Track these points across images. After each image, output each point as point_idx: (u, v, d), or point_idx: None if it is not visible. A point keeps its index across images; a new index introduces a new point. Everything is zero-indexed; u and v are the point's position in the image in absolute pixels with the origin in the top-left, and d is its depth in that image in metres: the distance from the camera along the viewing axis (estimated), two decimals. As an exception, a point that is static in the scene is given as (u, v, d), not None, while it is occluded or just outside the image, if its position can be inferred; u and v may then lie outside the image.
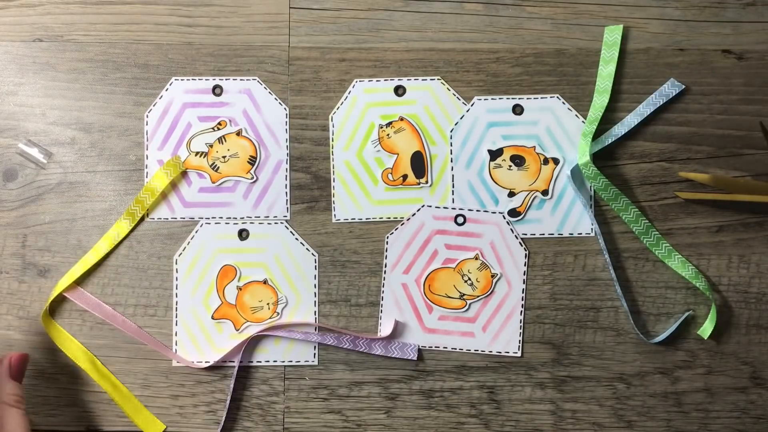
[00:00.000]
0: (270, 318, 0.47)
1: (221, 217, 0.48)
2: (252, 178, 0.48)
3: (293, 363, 0.47)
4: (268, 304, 0.47)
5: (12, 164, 0.48)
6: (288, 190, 0.48)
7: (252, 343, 0.47)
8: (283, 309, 0.47)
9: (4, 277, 0.48)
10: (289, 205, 0.48)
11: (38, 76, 0.49)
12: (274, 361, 0.47)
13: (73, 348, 0.47)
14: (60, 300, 0.47)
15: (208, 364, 0.47)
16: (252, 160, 0.48)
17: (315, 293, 0.47)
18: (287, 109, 0.48)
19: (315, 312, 0.47)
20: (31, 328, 0.47)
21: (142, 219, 0.48)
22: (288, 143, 0.48)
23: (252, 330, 0.47)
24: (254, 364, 0.47)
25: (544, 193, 0.48)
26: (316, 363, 0.47)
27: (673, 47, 0.49)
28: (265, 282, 0.47)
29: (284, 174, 0.48)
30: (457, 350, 0.47)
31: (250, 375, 0.47)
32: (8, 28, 0.49)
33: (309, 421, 0.47)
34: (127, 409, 0.47)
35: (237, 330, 0.47)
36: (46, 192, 0.48)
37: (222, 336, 0.47)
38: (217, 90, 0.48)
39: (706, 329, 0.47)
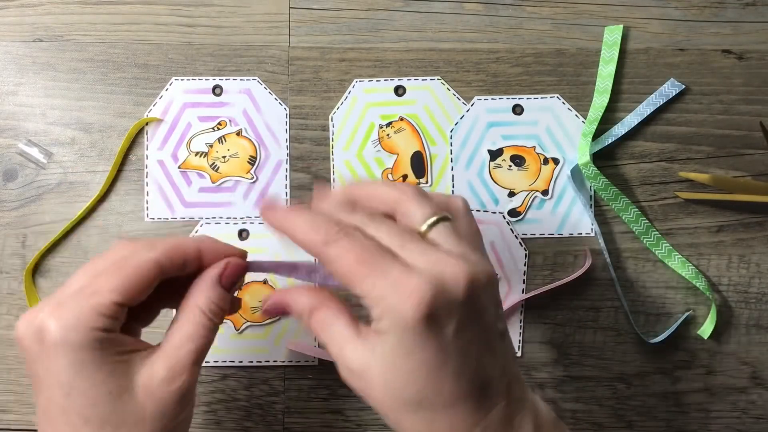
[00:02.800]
0: (270, 318, 0.47)
1: (221, 217, 0.48)
2: (252, 178, 0.48)
3: (293, 363, 0.47)
4: (268, 304, 0.47)
5: (12, 164, 0.48)
6: (288, 190, 0.48)
7: (252, 344, 0.47)
8: (283, 309, 0.47)
9: (4, 277, 0.48)
10: (289, 205, 0.48)
11: (38, 76, 0.49)
12: (274, 361, 0.47)
13: None
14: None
15: (207, 364, 0.47)
16: (252, 160, 0.48)
17: (315, 293, 0.47)
18: (287, 109, 0.48)
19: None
20: (31, 328, 0.47)
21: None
22: (288, 143, 0.48)
23: (251, 331, 0.47)
24: (254, 364, 0.47)
25: (544, 193, 0.48)
26: (316, 363, 0.47)
27: (673, 47, 0.49)
28: (264, 282, 0.47)
29: (284, 174, 0.48)
30: (457, 350, 0.47)
31: (250, 375, 0.47)
32: (8, 28, 0.49)
33: (309, 421, 0.47)
34: None
35: (237, 330, 0.47)
36: (46, 192, 0.48)
37: (222, 336, 0.47)
38: (217, 90, 0.48)
39: (706, 329, 0.47)
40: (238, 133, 0.48)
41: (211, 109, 0.48)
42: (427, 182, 0.48)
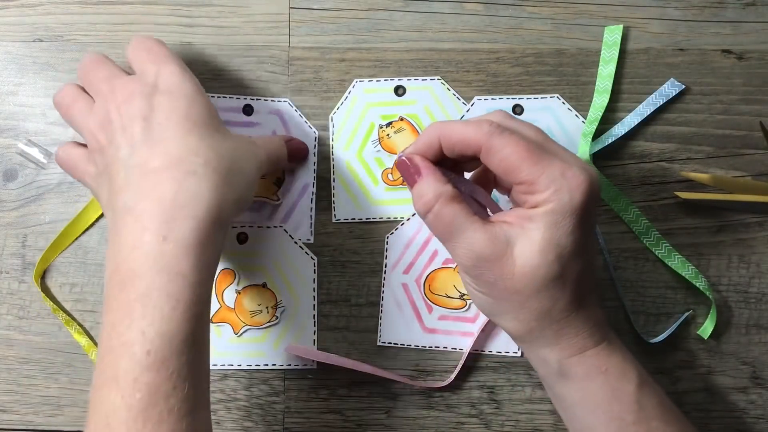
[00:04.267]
0: (269, 322, 0.47)
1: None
2: (277, 200, 0.47)
3: (291, 367, 0.47)
4: (267, 308, 0.47)
5: (12, 164, 0.48)
6: (313, 213, 0.47)
7: (251, 347, 0.47)
8: (282, 313, 0.47)
9: (4, 277, 0.48)
10: (313, 229, 0.48)
11: (38, 76, 0.49)
12: (273, 365, 0.47)
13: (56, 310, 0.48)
14: (61, 298, 0.47)
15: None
16: (278, 182, 0.47)
17: (314, 297, 0.47)
18: (317, 132, 0.48)
19: (314, 315, 0.47)
20: (32, 328, 0.47)
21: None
22: (316, 166, 0.48)
23: (249, 335, 0.47)
24: (253, 367, 0.47)
25: (544, 193, 0.48)
26: (314, 367, 0.47)
27: (673, 47, 0.49)
28: (264, 285, 0.47)
29: (310, 197, 0.47)
30: (457, 350, 0.47)
31: (250, 375, 0.47)
32: (8, 28, 0.49)
33: (309, 421, 0.47)
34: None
35: (236, 334, 0.47)
36: (46, 192, 0.48)
37: (221, 340, 0.47)
38: (247, 109, 0.48)
39: (706, 329, 0.47)
40: None
41: (240, 129, 0.48)
42: (427, 182, 0.48)
